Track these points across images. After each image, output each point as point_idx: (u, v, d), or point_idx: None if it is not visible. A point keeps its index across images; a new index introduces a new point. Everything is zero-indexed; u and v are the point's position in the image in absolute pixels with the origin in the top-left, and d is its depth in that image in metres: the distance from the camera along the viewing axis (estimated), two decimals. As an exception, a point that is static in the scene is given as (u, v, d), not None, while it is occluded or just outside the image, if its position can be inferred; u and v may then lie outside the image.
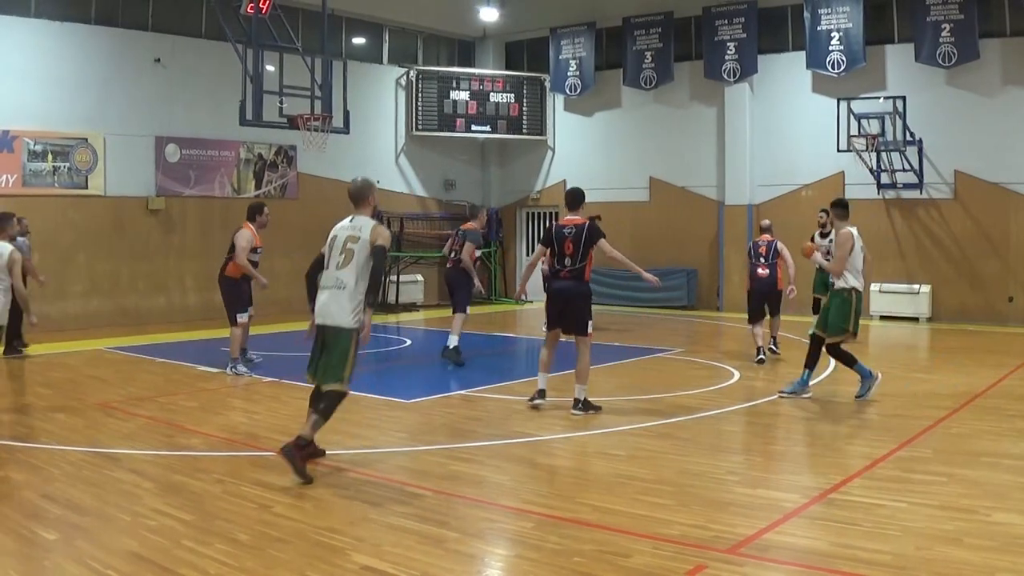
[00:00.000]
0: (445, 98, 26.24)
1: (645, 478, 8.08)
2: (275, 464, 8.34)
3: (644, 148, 25.19)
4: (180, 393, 12.37)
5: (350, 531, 6.64)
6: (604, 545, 6.34)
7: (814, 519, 6.84)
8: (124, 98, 20.35)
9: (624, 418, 10.64)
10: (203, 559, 6.05)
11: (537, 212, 27.74)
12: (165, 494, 7.57)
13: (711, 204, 23.88)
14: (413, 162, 26.43)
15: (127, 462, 8.65)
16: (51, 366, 14.67)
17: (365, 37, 25.91)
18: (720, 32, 23.56)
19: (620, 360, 15.30)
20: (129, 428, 10.21)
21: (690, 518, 6.88)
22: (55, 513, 7.01)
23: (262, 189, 22.73)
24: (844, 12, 21.65)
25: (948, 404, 11.07)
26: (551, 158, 27.28)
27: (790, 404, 11.40)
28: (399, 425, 10.67)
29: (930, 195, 21.07)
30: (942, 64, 20.61)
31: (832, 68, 21.89)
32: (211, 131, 21.60)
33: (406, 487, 7.82)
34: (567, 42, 26.36)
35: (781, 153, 23.05)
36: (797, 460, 8.84)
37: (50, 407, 11.29)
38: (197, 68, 21.24)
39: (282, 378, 13.38)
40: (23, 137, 18.91)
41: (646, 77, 24.85)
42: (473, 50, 28.65)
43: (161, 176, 21.00)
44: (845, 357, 11.38)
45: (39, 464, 8.49)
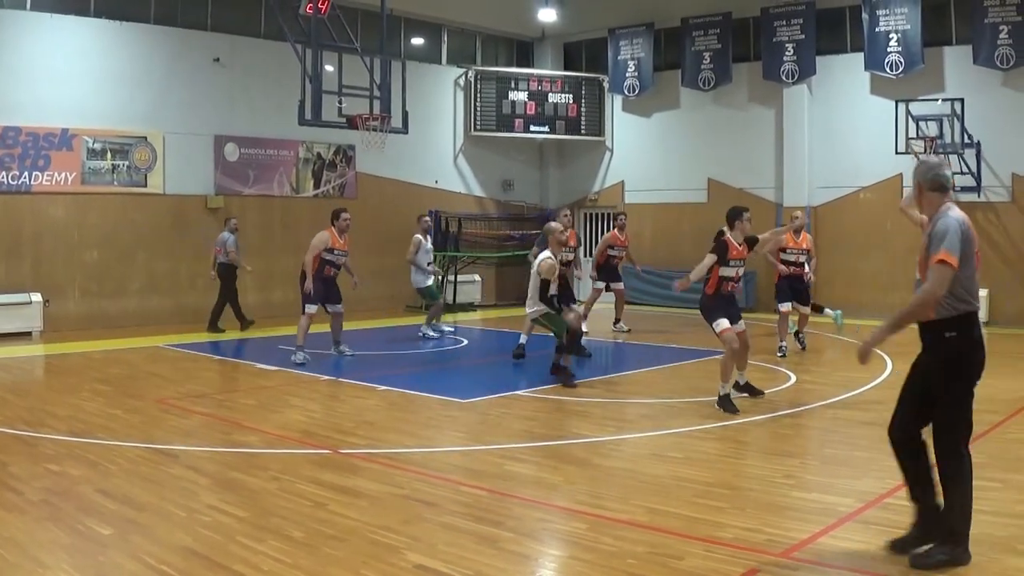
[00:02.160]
0: (504, 98, 26.18)
1: (700, 481, 7.99)
2: (331, 461, 8.33)
3: (702, 149, 25.00)
4: (238, 390, 12.45)
5: (405, 530, 6.60)
6: (657, 547, 6.27)
7: (868, 524, 6.73)
8: (183, 97, 20.50)
9: (681, 420, 10.53)
10: (257, 555, 6.04)
11: (595, 213, 27.61)
12: (221, 490, 7.59)
13: (769, 206, 23.64)
14: (471, 162, 26.42)
15: (184, 458, 8.68)
16: (109, 362, 14.80)
17: (424, 37, 25.92)
18: (778, 33, 23.31)
19: (678, 362, 15.17)
20: (186, 424, 10.27)
21: (744, 521, 6.79)
22: (111, 508, 7.04)
23: (320, 189, 22.81)
24: (902, 13, 21.35)
25: (1005, 409, 10.85)
26: (609, 159, 27.15)
27: (846, 408, 11.24)
28: (455, 424, 10.65)
29: (988, 198, 20.71)
30: (1000, 66, 20.25)
31: (890, 70, 21.59)
32: (270, 130, 21.70)
33: (461, 486, 7.77)
34: (625, 43, 26.22)
35: (839, 155, 22.76)
36: (853, 464, 8.68)
37: (108, 403, 11.38)
38: (256, 68, 21.35)
39: (340, 376, 13.41)
40: (82, 135, 19.09)
41: (704, 78, 24.66)
42: (532, 51, 28.59)
43: (220, 175, 21.13)
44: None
45: (96, 460, 8.55)
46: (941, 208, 6.05)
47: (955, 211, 5.98)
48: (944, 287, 5.74)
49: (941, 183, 6.15)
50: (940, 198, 6.11)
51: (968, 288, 5.89)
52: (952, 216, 5.92)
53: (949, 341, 5.90)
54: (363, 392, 12.37)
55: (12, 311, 17.79)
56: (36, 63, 18.44)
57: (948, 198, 6.11)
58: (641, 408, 11.38)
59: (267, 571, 5.80)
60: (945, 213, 5.97)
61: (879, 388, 12.48)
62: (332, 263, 15.07)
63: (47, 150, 18.62)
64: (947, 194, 6.12)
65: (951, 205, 6.05)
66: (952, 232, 5.82)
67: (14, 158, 18.19)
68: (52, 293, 18.61)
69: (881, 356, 15.22)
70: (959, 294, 5.84)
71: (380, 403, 11.64)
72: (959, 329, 5.89)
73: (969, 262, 5.87)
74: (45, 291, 18.44)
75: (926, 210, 6.25)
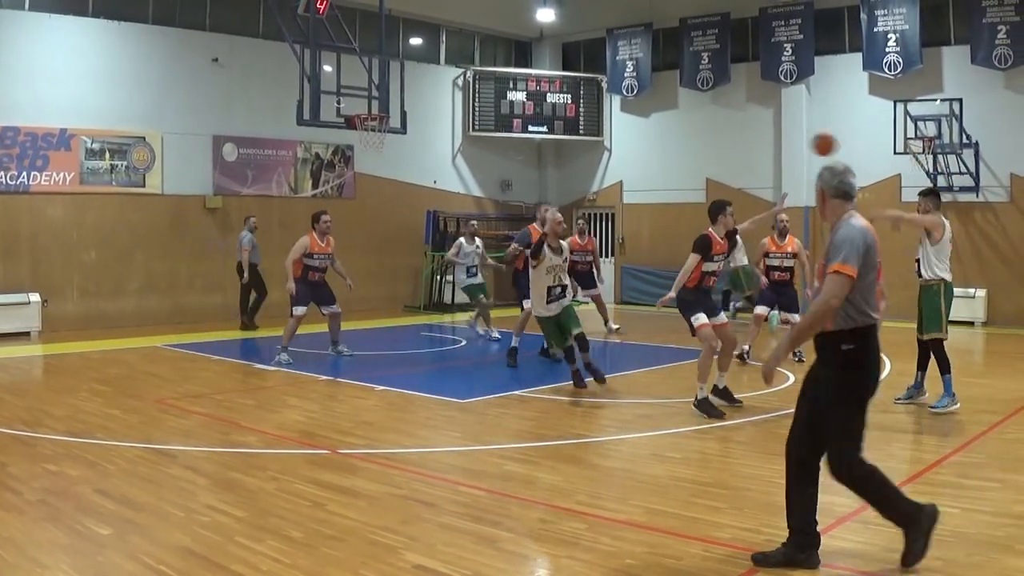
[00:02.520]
0: (502, 99, 26.18)
1: (699, 481, 8.00)
2: (329, 462, 8.32)
3: (701, 149, 25.01)
4: (236, 390, 12.44)
5: (403, 530, 6.60)
6: (656, 547, 6.27)
7: (867, 523, 6.71)
8: (182, 97, 20.50)
9: (679, 420, 10.52)
10: (256, 556, 6.04)
11: (594, 213, 27.61)
12: (219, 491, 7.59)
13: (768, 206, 23.57)
14: (470, 162, 26.42)
15: (182, 458, 8.68)
16: (108, 362, 14.80)
17: (422, 37, 25.92)
18: (777, 33, 23.32)
19: (677, 362, 15.15)
20: (185, 425, 10.26)
21: (743, 521, 6.80)
22: (109, 508, 7.04)
23: (319, 189, 22.81)
24: (900, 13, 21.35)
25: (1003, 409, 10.85)
26: (608, 159, 27.15)
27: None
28: (454, 425, 10.65)
29: (986, 198, 20.73)
30: (998, 66, 20.26)
31: (889, 70, 21.59)
32: (268, 131, 21.70)
33: (460, 487, 7.77)
34: (624, 43, 26.23)
35: (838, 155, 22.72)
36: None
37: (107, 403, 11.38)
38: (255, 68, 21.35)
39: (339, 377, 13.41)
40: (81, 135, 19.09)
41: (703, 78, 24.67)
42: (530, 51, 28.60)
43: (218, 175, 21.13)
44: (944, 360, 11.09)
45: (94, 460, 8.55)
46: (844, 216, 5.91)
47: (857, 219, 5.85)
48: (839, 297, 5.58)
49: (845, 190, 5.99)
50: (843, 205, 5.96)
51: (867, 299, 5.73)
52: (854, 225, 5.80)
53: (845, 353, 5.74)
54: (361, 392, 12.38)
55: (10, 311, 17.78)
56: (34, 63, 18.43)
57: (851, 205, 5.97)
58: (639, 408, 11.38)
59: (266, 571, 5.79)
60: (847, 221, 5.85)
61: (877, 388, 12.47)
62: (315, 268, 14.96)
63: (45, 150, 18.62)
64: (851, 201, 5.97)
65: (853, 213, 5.91)
66: (852, 242, 5.68)
67: (12, 158, 18.19)
68: (50, 293, 18.60)
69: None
70: (858, 305, 5.69)
71: (379, 403, 11.64)
72: (856, 341, 5.73)
73: (869, 272, 5.74)
74: (43, 291, 18.44)
75: (828, 217, 6.04)
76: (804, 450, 5.98)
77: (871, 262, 5.73)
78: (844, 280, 5.57)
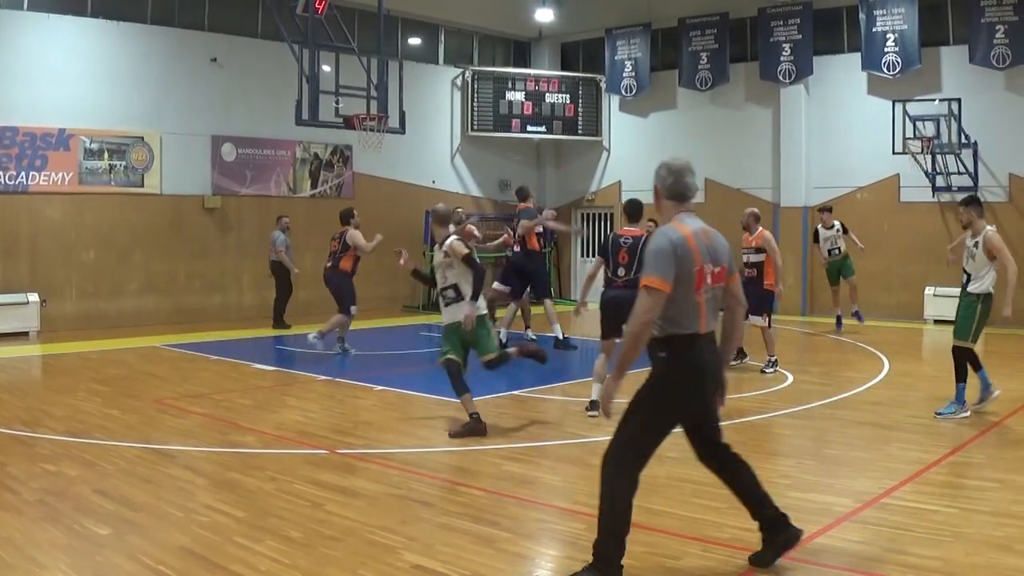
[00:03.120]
0: (501, 99, 26.18)
1: (697, 480, 7.96)
2: (328, 462, 8.32)
3: (699, 149, 24.90)
4: (235, 390, 12.43)
5: (402, 530, 6.60)
6: (654, 547, 6.28)
7: (866, 523, 6.73)
8: (180, 97, 20.50)
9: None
10: (255, 556, 6.05)
11: (592, 213, 27.61)
12: (218, 491, 7.59)
13: (766, 206, 23.60)
14: (468, 162, 26.43)
15: (181, 458, 8.68)
16: (107, 362, 14.80)
17: (421, 37, 25.92)
18: (775, 33, 23.31)
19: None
20: (184, 425, 10.26)
21: (741, 521, 6.77)
22: (108, 508, 7.04)
23: (318, 189, 22.82)
24: (899, 13, 21.35)
25: (1003, 410, 10.84)
26: (606, 159, 27.15)
27: (843, 408, 11.25)
28: (452, 425, 10.64)
29: (985, 198, 20.59)
30: (996, 66, 20.26)
31: (887, 70, 21.59)
32: (267, 130, 21.70)
33: (458, 487, 7.78)
34: (623, 43, 26.23)
35: (836, 155, 22.77)
36: (850, 464, 8.69)
37: (105, 403, 11.38)
38: (253, 68, 21.34)
39: (337, 377, 13.41)
40: (79, 135, 19.09)
41: (702, 78, 24.67)
42: (529, 51, 28.59)
43: (217, 175, 21.13)
44: (963, 368, 10.85)
45: (93, 460, 8.55)
46: (673, 219, 5.59)
47: (674, 228, 5.49)
48: (651, 313, 5.29)
49: (680, 191, 5.64)
50: (675, 207, 5.63)
51: (682, 309, 5.42)
52: (666, 234, 5.44)
53: (659, 361, 5.54)
54: (360, 392, 12.38)
55: (9, 311, 17.78)
56: (33, 63, 18.43)
57: (686, 207, 5.63)
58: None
59: (264, 571, 5.80)
60: (661, 230, 5.52)
61: (877, 388, 12.52)
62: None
63: (44, 150, 18.62)
64: (685, 203, 5.63)
65: (682, 216, 5.59)
66: (659, 254, 5.35)
67: (11, 158, 18.19)
68: (49, 293, 18.60)
69: (878, 355, 15.29)
70: (669, 316, 5.40)
71: (377, 403, 11.65)
72: (668, 350, 5.49)
73: (684, 282, 5.37)
74: (42, 291, 18.44)
75: (662, 218, 5.71)
76: (708, 455, 6.06)
77: (685, 272, 5.37)
78: (653, 294, 5.28)
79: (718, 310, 5.70)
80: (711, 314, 5.55)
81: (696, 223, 5.60)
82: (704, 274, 5.46)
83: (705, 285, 5.48)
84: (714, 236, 5.65)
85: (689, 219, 5.59)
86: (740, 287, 5.88)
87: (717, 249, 5.60)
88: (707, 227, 5.66)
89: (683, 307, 5.42)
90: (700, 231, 5.55)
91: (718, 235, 5.71)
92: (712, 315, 5.56)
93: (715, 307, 5.61)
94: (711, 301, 5.55)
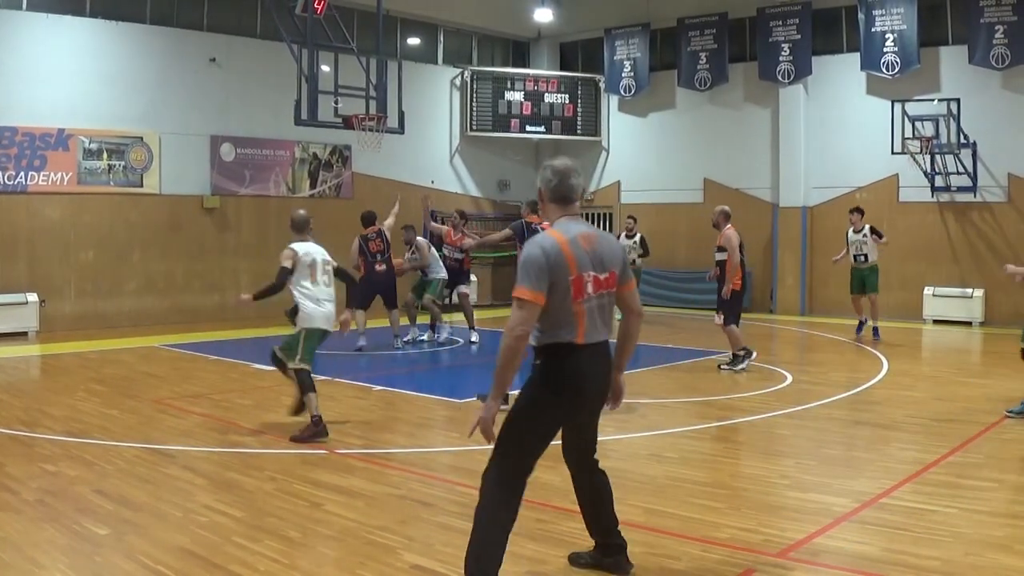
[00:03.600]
0: (500, 99, 26.18)
1: (697, 481, 8.00)
2: (327, 462, 8.32)
3: (698, 149, 25.01)
4: (234, 391, 12.44)
5: (401, 530, 6.61)
6: (653, 547, 6.28)
7: (865, 524, 6.74)
8: (179, 97, 20.49)
9: (677, 420, 10.54)
10: (253, 556, 6.05)
11: (591, 213, 27.61)
12: (217, 491, 7.59)
13: (765, 206, 23.66)
14: (467, 162, 26.42)
15: (180, 458, 8.68)
16: (105, 362, 14.80)
17: (420, 37, 25.92)
18: (774, 33, 23.32)
19: (672, 362, 15.17)
20: (183, 425, 10.26)
21: (740, 521, 6.80)
22: (107, 508, 7.04)
23: (317, 189, 22.81)
24: (898, 13, 21.36)
25: (1000, 409, 10.84)
26: (605, 159, 27.15)
27: (842, 408, 11.26)
28: (451, 424, 10.64)
29: (984, 198, 20.74)
30: (995, 66, 20.27)
31: (886, 70, 21.60)
32: (266, 131, 21.69)
33: (457, 486, 7.77)
34: (621, 43, 26.23)
35: (835, 155, 22.78)
36: (849, 464, 8.70)
37: (105, 403, 11.38)
38: (252, 68, 21.33)
39: (336, 377, 13.40)
40: (78, 136, 19.08)
41: (701, 78, 24.67)
42: (528, 51, 28.59)
43: (216, 175, 21.12)
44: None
45: (92, 460, 8.55)
46: (554, 224, 5.33)
47: (549, 235, 5.20)
48: (523, 326, 4.99)
49: (564, 194, 5.35)
50: (558, 210, 5.36)
51: (558, 320, 5.14)
52: (538, 242, 5.16)
53: (535, 368, 5.29)
54: (359, 392, 12.38)
55: (8, 311, 17.78)
56: (32, 63, 18.43)
57: (570, 211, 5.37)
58: (637, 409, 11.37)
59: (264, 571, 5.80)
60: (535, 238, 5.22)
61: (876, 388, 12.52)
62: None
63: (43, 150, 18.61)
64: (569, 206, 5.37)
65: (564, 221, 5.30)
66: (528, 264, 5.06)
67: (10, 158, 18.18)
68: (48, 293, 18.60)
69: (878, 356, 15.30)
70: (544, 326, 5.16)
71: (376, 403, 11.66)
72: (544, 357, 5.25)
73: (559, 292, 5.08)
74: (41, 291, 18.43)
75: (547, 220, 5.50)
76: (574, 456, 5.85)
77: (560, 282, 5.07)
78: (525, 307, 5.00)
79: (610, 317, 5.37)
80: (597, 323, 5.26)
81: (578, 228, 5.28)
82: (583, 282, 5.16)
83: (586, 294, 5.18)
84: (600, 241, 5.34)
85: (572, 224, 5.30)
86: (635, 295, 5.59)
87: (603, 254, 5.29)
88: (593, 231, 5.35)
89: (559, 317, 5.14)
90: (580, 236, 5.23)
91: (606, 239, 5.43)
92: (598, 324, 5.27)
93: (604, 315, 5.31)
94: (596, 310, 5.26)
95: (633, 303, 5.58)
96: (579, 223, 5.35)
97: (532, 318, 5.04)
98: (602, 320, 5.30)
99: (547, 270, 5.03)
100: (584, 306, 5.17)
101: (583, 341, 5.20)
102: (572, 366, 5.21)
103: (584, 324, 5.19)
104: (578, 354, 5.20)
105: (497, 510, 5.25)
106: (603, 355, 5.36)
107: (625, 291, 5.48)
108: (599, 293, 5.25)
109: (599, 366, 5.34)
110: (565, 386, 5.23)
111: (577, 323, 5.16)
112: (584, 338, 5.20)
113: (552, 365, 5.23)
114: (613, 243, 5.47)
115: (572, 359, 5.20)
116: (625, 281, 5.46)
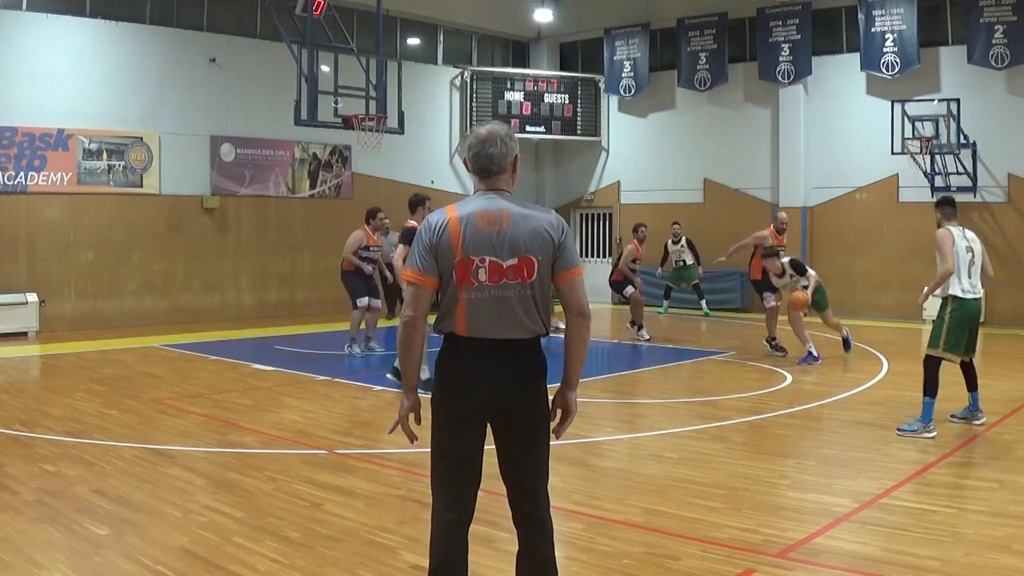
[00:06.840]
0: (500, 99, 26.17)
1: (696, 481, 8.00)
2: (327, 462, 8.31)
3: (698, 149, 25.01)
4: (234, 391, 12.43)
5: (401, 530, 6.60)
6: (653, 548, 6.28)
7: (865, 524, 6.74)
8: (179, 97, 20.48)
9: (677, 420, 10.53)
10: (253, 556, 6.04)
11: (591, 213, 27.62)
12: (217, 491, 7.59)
13: (765, 206, 23.64)
14: (467, 163, 26.38)
15: (180, 459, 8.68)
16: (105, 363, 14.79)
17: (419, 38, 25.91)
18: (774, 33, 23.32)
19: (673, 362, 15.17)
20: (182, 425, 10.25)
21: (740, 522, 6.80)
22: (107, 508, 7.04)
23: (316, 189, 22.80)
24: (898, 14, 21.36)
25: (1000, 410, 10.84)
26: (605, 159, 27.14)
27: (842, 408, 11.26)
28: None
29: (983, 198, 20.73)
30: (995, 66, 20.27)
31: (886, 70, 21.60)
32: (266, 131, 21.68)
33: (457, 487, 7.77)
34: (621, 43, 26.23)
35: (835, 155, 22.77)
36: (849, 464, 8.69)
37: (104, 403, 11.37)
38: (252, 68, 21.33)
39: (336, 377, 13.40)
40: (78, 136, 19.07)
41: (700, 78, 24.67)
42: (527, 51, 28.59)
43: (216, 175, 21.11)
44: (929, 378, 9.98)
45: (92, 460, 8.54)
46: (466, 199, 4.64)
47: (443, 210, 4.56)
48: (410, 309, 4.44)
49: (482, 165, 4.56)
50: (479, 184, 4.63)
51: (448, 306, 4.49)
52: (429, 217, 4.56)
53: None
54: (359, 392, 12.38)
55: (8, 311, 17.76)
56: (32, 63, 18.41)
57: (491, 183, 4.57)
58: (637, 409, 11.39)
59: (263, 571, 5.79)
60: (428, 215, 4.64)
61: (876, 388, 12.51)
62: (369, 259, 15.76)
63: (43, 150, 18.60)
64: (489, 179, 4.57)
65: (474, 197, 4.59)
66: (416, 241, 4.51)
67: (10, 158, 18.16)
68: (48, 293, 18.59)
69: (877, 355, 15.29)
70: (440, 312, 4.52)
71: (376, 403, 11.65)
72: (441, 347, 4.59)
73: (446, 275, 4.44)
74: (41, 291, 18.42)
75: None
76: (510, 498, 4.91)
77: (445, 264, 4.42)
78: (411, 288, 4.44)
79: (517, 313, 4.45)
80: (494, 317, 4.42)
81: (485, 203, 4.50)
82: (468, 267, 4.39)
83: (475, 282, 4.40)
84: (515, 221, 4.45)
85: (480, 199, 4.54)
86: (574, 289, 4.54)
87: (515, 237, 4.42)
88: (507, 209, 4.47)
89: (448, 305, 4.47)
90: (481, 214, 4.46)
91: (528, 219, 4.47)
92: (496, 318, 4.42)
93: (510, 309, 4.43)
94: (494, 302, 4.41)
95: (572, 299, 4.54)
96: (491, 199, 4.51)
97: (420, 301, 4.43)
98: (508, 315, 4.44)
99: (431, 249, 4.42)
100: (470, 295, 4.41)
101: (466, 333, 4.45)
102: (455, 362, 4.52)
103: (465, 315, 4.43)
104: (462, 348, 4.49)
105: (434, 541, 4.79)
106: (511, 359, 4.51)
107: (560, 282, 4.53)
108: (501, 283, 4.40)
109: (498, 369, 4.49)
110: (448, 386, 4.56)
111: (457, 312, 4.44)
112: (467, 331, 4.45)
113: (440, 358, 4.60)
114: (538, 224, 4.46)
115: (455, 353, 4.51)
116: (560, 271, 4.50)
